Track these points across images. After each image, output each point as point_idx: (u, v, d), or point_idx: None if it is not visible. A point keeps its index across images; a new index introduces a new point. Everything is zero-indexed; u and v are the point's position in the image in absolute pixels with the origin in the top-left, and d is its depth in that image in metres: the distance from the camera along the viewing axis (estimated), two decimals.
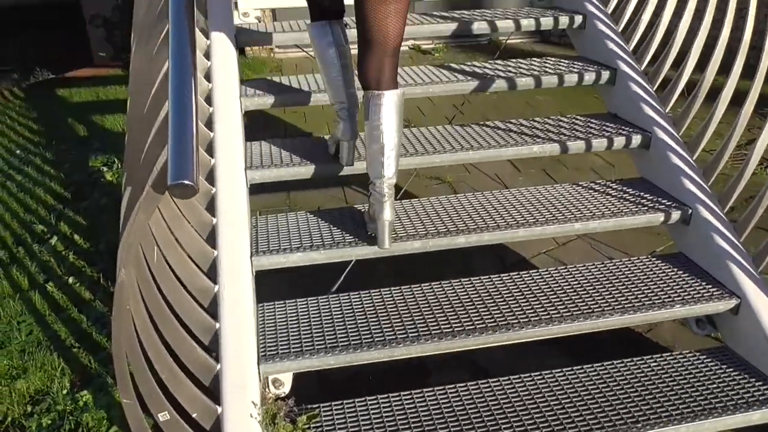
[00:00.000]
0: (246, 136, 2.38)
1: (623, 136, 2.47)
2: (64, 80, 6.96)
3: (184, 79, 1.28)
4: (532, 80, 2.64)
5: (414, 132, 2.60)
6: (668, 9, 2.60)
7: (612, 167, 4.08)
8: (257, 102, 2.51)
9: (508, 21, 2.83)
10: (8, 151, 4.66)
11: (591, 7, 2.82)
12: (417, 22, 2.83)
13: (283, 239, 2.19)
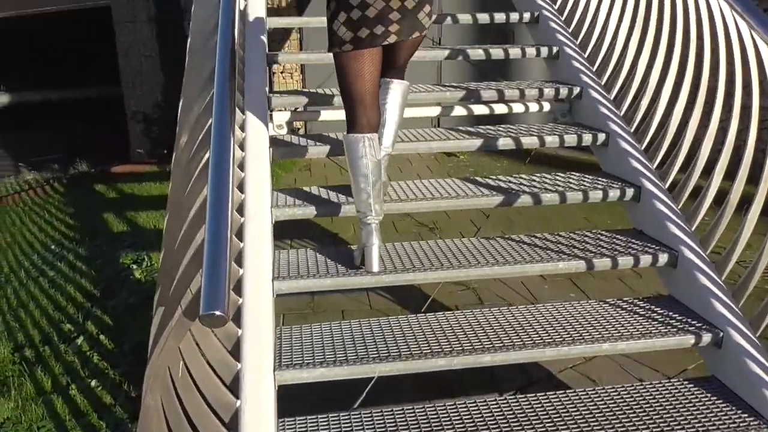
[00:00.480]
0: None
1: (649, 255, 2.47)
2: (102, 175, 7.24)
3: (220, 213, 1.34)
4: (557, 196, 2.68)
5: (440, 244, 2.63)
6: (692, 126, 2.66)
7: (640, 277, 4.04)
8: (288, 213, 2.58)
9: (533, 137, 2.92)
10: (44, 246, 4.80)
11: (614, 126, 2.90)
12: (443, 138, 2.93)
13: (306, 352, 2.19)
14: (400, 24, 2.15)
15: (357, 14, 2.13)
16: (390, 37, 2.16)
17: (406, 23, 2.16)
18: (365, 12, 2.12)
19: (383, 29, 2.14)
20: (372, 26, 2.13)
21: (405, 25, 2.16)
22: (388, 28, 2.14)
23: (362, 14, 2.12)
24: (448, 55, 3.40)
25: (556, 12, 3.57)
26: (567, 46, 3.33)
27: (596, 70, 3.20)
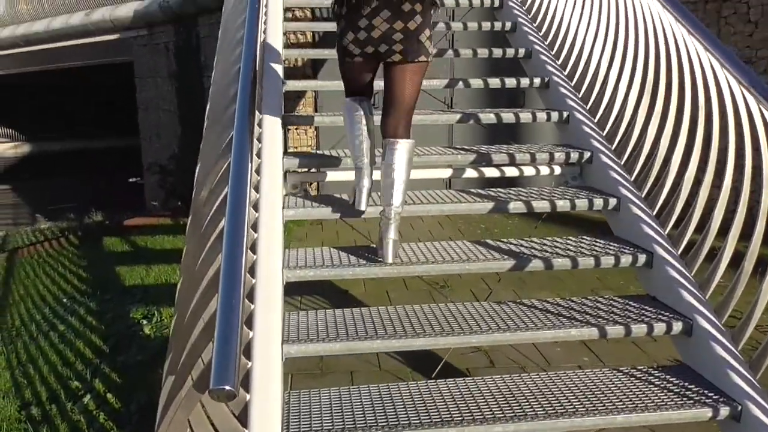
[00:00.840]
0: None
1: (663, 323, 2.44)
2: (117, 227, 7.32)
3: (232, 291, 1.35)
4: (569, 261, 2.67)
5: (451, 308, 2.62)
6: (703, 193, 2.67)
7: (654, 341, 3.96)
8: (299, 274, 2.59)
9: (544, 202, 2.93)
10: (56, 299, 4.82)
11: (625, 191, 2.91)
12: (455, 200, 2.95)
13: (315, 419, 2.16)
14: (404, 44, 2.38)
15: (363, 35, 2.39)
16: (395, 56, 2.40)
17: (408, 45, 2.38)
18: (371, 33, 2.37)
19: (387, 48, 2.40)
20: (377, 45, 2.39)
21: (407, 47, 2.39)
22: (392, 48, 2.39)
23: (368, 35, 2.38)
24: (460, 119, 3.46)
25: (566, 78, 3.64)
26: (577, 111, 3.38)
27: (606, 135, 3.24)
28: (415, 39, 2.39)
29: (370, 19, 2.36)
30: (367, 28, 2.36)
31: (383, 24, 2.35)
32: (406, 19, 2.36)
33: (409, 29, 2.36)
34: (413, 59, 2.41)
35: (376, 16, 2.35)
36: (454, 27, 4.35)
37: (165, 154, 14.05)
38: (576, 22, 3.75)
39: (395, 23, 2.35)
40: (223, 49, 2.87)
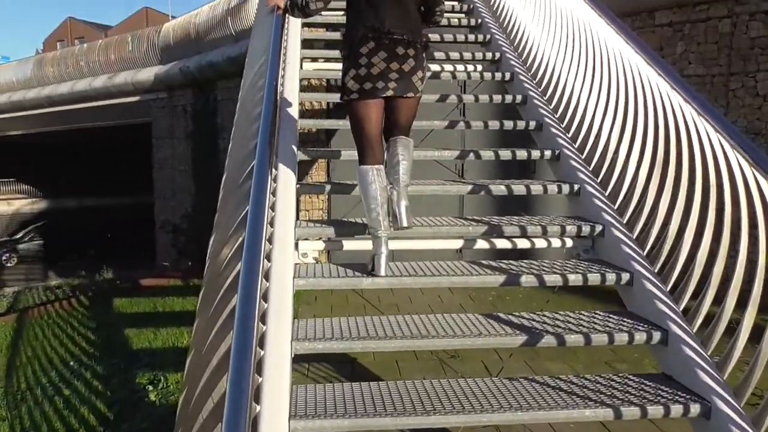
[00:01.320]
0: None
1: (680, 405, 2.37)
2: (127, 287, 7.33)
3: (241, 379, 1.34)
4: (582, 338, 2.63)
5: (462, 384, 2.57)
6: (718, 265, 2.64)
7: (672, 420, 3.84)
8: (307, 347, 2.56)
9: (556, 275, 2.91)
10: (63, 362, 4.78)
11: (638, 266, 2.89)
12: (466, 273, 2.94)
13: None
14: (398, 82, 2.73)
15: (363, 71, 2.71)
16: (388, 91, 2.73)
17: (403, 82, 2.73)
18: (370, 70, 2.70)
19: (383, 84, 2.72)
20: (375, 81, 2.71)
21: (402, 83, 2.73)
22: (387, 84, 2.72)
23: (368, 72, 2.70)
24: (471, 190, 3.49)
25: (577, 150, 3.68)
26: (588, 184, 3.40)
27: (618, 208, 3.24)
28: (408, 78, 2.74)
29: (369, 58, 2.70)
30: (367, 66, 2.70)
31: (381, 63, 2.70)
32: (401, 61, 2.72)
33: (403, 70, 2.73)
34: (404, 95, 2.76)
35: (375, 57, 2.70)
36: (465, 99, 4.44)
37: (178, 212, 14.21)
38: (586, 96, 3.82)
39: (391, 63, 2.70)
40: (239, 124, 2.95)
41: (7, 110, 21.86)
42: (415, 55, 2.74)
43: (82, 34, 45.55)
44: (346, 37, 2.82)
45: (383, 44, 2.70)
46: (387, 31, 2.70)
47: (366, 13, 2.74)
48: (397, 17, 2.73)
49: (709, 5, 6.10)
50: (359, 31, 2.73)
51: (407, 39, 2.73)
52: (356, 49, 2.72)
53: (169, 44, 15.30)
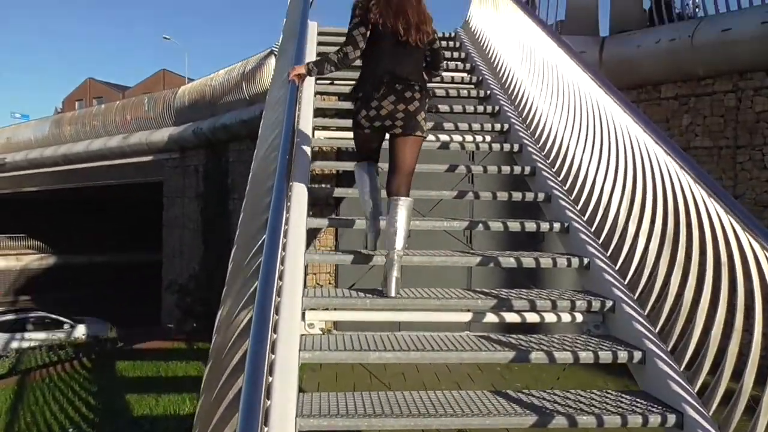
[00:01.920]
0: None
1: None
2: (131, 350, 7.25)
3: None
4: (594, 419, 2.56)
5: None
6: (733, 345, 2.58)
7: None
8: (312, 423, 2.49)
9: (566, 353, 2.86)
10: (61, 427, 4.68)
11: (650, 344, 2.84)
12: (475, 348, 2.89)
13: None
14: (404, 121, 3.06)
15: (374, 113, 3.08)
16: (396, 129, 3.07)
17: (409, 121, 3.06)
18: (379, 112, 3.07)
19: (391, 123, 3.07)
20: (383, 120, 3.08)
21: (408, 122, 3.06)
22: (395, 123, 3.07)
23: (377, 113, 3.07)
24: (479, 262, 3.47)
25: (586, 223, 3.67)
26: (598, 258, 3.38)
27: (628, 283, 3.21)
28: (413, 117, 3.07)
29: (379, 101, 3.06)
30: (377, 108, 3.07)
31: (389, 105, 3.05)
32: (407, 102, 3.06)
33: (409, 110, 3.06)
34: (411, 132, 3.08)
35: (384, 99, 3.06)
36: (474, 170, 4.48)
37: (185, 272, 14.19)
38: (594, 169, 3.85)
39: (398, 105, 3.05)
40: (250, 198, 2.98)
41: (23, 167, 22.29)
42: (420, 98, 3.10)
43: (101, 94, 46.79)
44: (360, 81, 3.19)
45: (393, 89, 3.06)
46: (398, 76, 3.07)
47: (383, 62, 3.09)
48: (407, 65, 3.11)
49: (713, 80, 6.22)
50: (374, 77, 3.09)
51: (413, 84, 3.10)
52: (369, 92, 3.09)
53: (183, 106, 15.69)
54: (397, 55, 3.08)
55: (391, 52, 3.08)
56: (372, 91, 3.06)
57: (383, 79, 3.05)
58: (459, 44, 6.75)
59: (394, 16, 3.06)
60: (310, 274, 7.53)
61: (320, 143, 4.76)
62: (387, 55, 3.08)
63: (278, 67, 4.79)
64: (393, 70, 3.06)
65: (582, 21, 7.76)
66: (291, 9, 5.87)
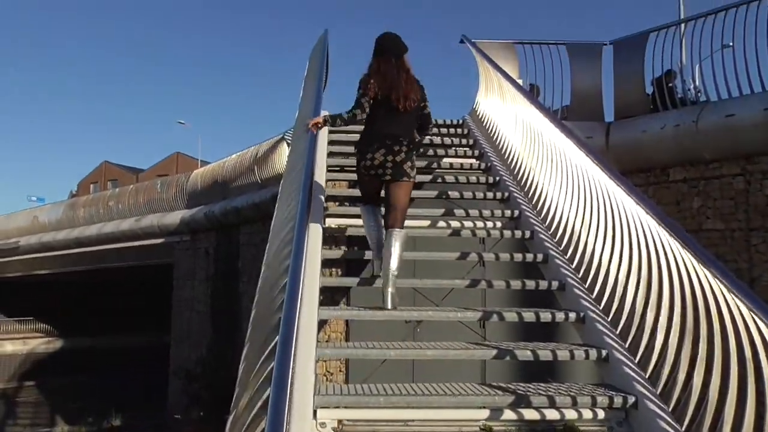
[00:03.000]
0: None
1: None
2: None
3: None
4: None
5: None
6: None
7: None
8: None
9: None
10: None
11: None
12: None
13: None
14: (392, 170, 3.81)
15: (368, 163, 3.84)
16: (386, 176, 3.83)
17: (396, 170, 3.81)
18: (373, 163, 3.83)
19: (382, 171, 3.84)
20: (377, 170, 3.84)
21: (396, 171, 3.81)
22: (386, 171, 3.83)
23: (371, 163, 3.83)
24: (495, 355, 3.39)
25: (602, 312, 3.60)
26: (616, 350, 3.29)
27: (649, 377, 3.10)
28: (400, 167, 3.81)
29: (373, 154, 3.82)
30: (371, 159, 3.82)
31: (381, 157, 3.80)
32: (395, 154, 3.80)
33: (396, 161, 3.81)
34: (399, 179, 3.83)
35: (377, 153, 3.81)
36: (486, 257, 4.46)
37: (193, 356, 13.96)
38: (607, 256, 3.81)
39: (387, 156, 3.80)
40: (261, 299, 2.95)
41: (36, 250, 22.48)
42: (407, 151, 3.85)
43: (116, 177, 47.69)
44: (361, 138, 3.97)
45: (384, 144, 3.81)
46: (389, 135, 3.82)
47: (378, 124, 3.86)
48: (397, 126, 3.85)
49: (721, 163, 6.26)
50: (371, 135, 3.88)
51: (401, 140, 3.84)
52: (366, 147, 3.87)
53: (196, 190, 15.93)
54: (390, 119, 3.84)
55: (385, 116, 3.84)
56: (368, 146, 3.85)
57: (377, 137, 3.83)
58: (467, 131, 6.89)
59: (388, 90, 3.83)
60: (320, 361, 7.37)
61: (331, 231, 4.78)
62: (382, 118, 3.85)
63: (291, 158, 4.89)
64: (385, 130, 3.83)
65: (586, 106, 7.92)
66: (305, 94, 6.05)
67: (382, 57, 3.95)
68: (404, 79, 3.87)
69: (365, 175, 3.90)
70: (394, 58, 3.94)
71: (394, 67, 3.89)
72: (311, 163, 3.66)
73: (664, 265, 3.26)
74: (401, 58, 3.97)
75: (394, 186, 3.82)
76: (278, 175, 11.75)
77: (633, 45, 7.53)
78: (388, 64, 3.90)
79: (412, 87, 3.88)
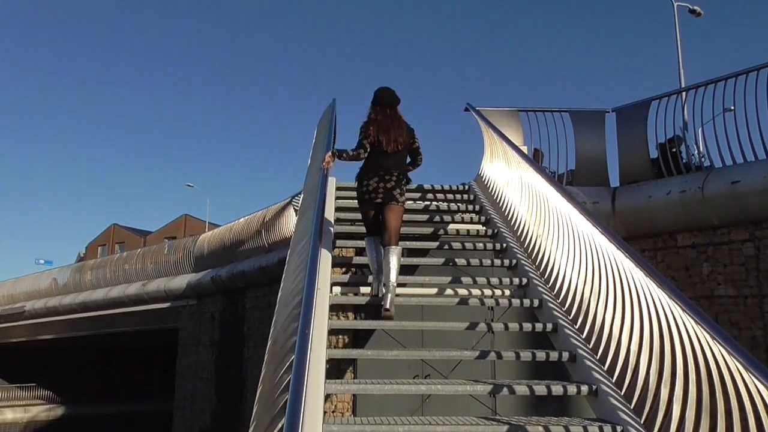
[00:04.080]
0: None
1: None
2: None
3: None
4: None
5: None
6: None
7: None
8: None
9: None
10: None
11: None
12: None
13: None
14: (384, 194, 4.66)
15: (364, 189, 4.70)
16: (378, 199, 4.67)
17: (387, 195, 4.66)
18: (368, 188, 4.68)
19: (375, 195, 4.68)
20: (371, 194, 4.69)
21: (387, 195, 4.66)
22: (378, 195, 4.67)
23: (367, 189, 4.69)
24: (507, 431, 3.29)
25: (615, 386, 3.51)
26: (632, 427, 3.19)
27: None
28: (390, 192, 4.67)
29: (368, 179, 4.70)
30: (367, 185, 4.70)
31: (374, 183, 4.68)
32: (386, 182, 4.67)
33: (387, 187, 4.67)
34: (389, 201, 4.67)
35: (371, 180, 4.69)
36: (495, 327, 4.39)
37: (196, 425, 13.64)
38: (618, 326, 3.75)
39: (379, 183, 4.68)
40: (268, 376, 2.91)
41: (41, 315, 22.36)
42: (397, 180, 4.71)
43: (124, 239, 47.93)
44: (362, 171, 4.81)
45: (378, 174, 4.69)
46: (382, 168, 4.70)
47: (374, 160, 4.73)
48: (388, 162, 4.73)
49: (729, 229, 6.25)
50: (368, 169, 4.74)
51: (392, 171, 4.71)
52: (364, 177, 4.75)
53: (203, 254, 15.95)
54: (383, 156, 4.73)
55: (380, 154, 4.72)
56: (365, 176, 4.74)
57: (373, 170, 4.72)
58: (473, 197, 6.93)
59: (382, 134, 4.73)
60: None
61: (338, 300, 4.75)
62: (377, 156, 4.72)
63: (299, 228, 4.92)
64: (379, 165, 4.72)
65: (592, 171, 7.99)
66: (312, 163, 6.13)
67: (378, 107, 4.82)
68: (396, 126, 4.77)
69: (362, 200, 4.76)
70: (389, 109, 4.81)
71: (388, 117, 4.78)
72: (318, 234, 3.67)
73: (677, 338, 3.20)
74: (394, 108, 4.85)
75: (386, 209, 4.66)
76: (285, 239, 11.78)
77: (635, 112, 7.66)
78: (383, 114, 4.78)
79: (401, 132, 4.77)
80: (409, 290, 5.08)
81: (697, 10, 15.98)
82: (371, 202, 4.68)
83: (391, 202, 4.62)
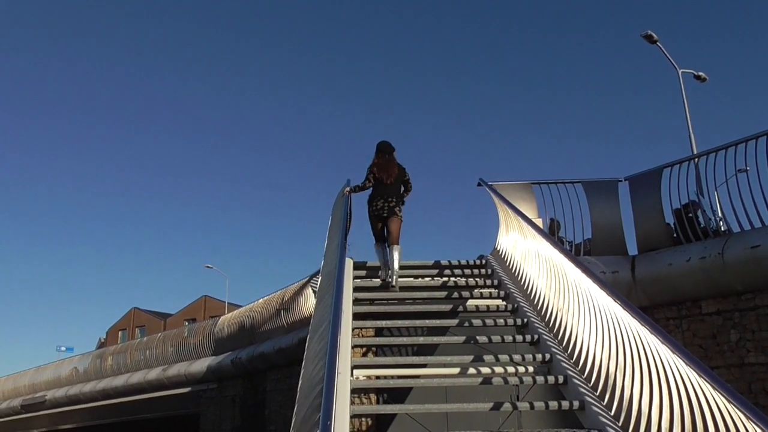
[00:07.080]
0: None
1: None
2: None
3: None
4: None
5: None
6: None
7: None
8: None
9: None
10: None
11: None
12: None
13: None
14: (387, 210, 6.75)
15: (373, 208, 6.82)
16: (384, 214, 6.75)
17: (390, 211, 6.75)
18: (376, 207, 6.80)
19: (381, 212, 6.78)
20: (377, 211, 6.79)
21: (389, 211, 6.74)
22: (382, 212, 6.77)
23: (375, 208, 6.81)
24: None
25: None
26: None
27: None
28: (392, 209, 6.71)
29: (376, 201, 6.75)
30: (374, 206, 6.74)
31: (380, 203, 6.73)
32: (388, 203, 6.71)
33: (389, 206, 6.71)
34: (390, 216, 6.69)
35: (377, 200, 6.74)
36: (520, 407, 4.30)
37: None
38: (647, 402, 3.66)
39: (383, 204, 6.70)
40: None
41: (62, 404, 22.15)
42: (395, 201, 6.74)
43: (144, 323, 47.84)
44: (370, 197, 6.80)
45: (383, 197, 6.70)
46: (385, 194, 6.70)
47: (378, 189, 6.74)
48: (387, 190, 6.73)
49: (754, 294, 6.14)
50: (375, 195, 6.75)
51: (392, 196, 6.73)
52: (373, 201, 6.76)
53: (222, 336, 15.88)
54: (384, 186, 6.75)
55: (381, 185, 6.74)
56: (374, 200, 6.75)
57: (378, 195, 6.72)
58: (491, 271, 6.92)
59: (381, 172, 6.77)
60: None
61: (360, 384, 4.69)
62: (380, 186, 6.74)
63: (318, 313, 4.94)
64: (382, 192, 6.72)
65: (609, 240, 7.96)
66: (329, 244, 6.21)
67: (379, 153, 6.92)
68: (391, 165, 6.86)
69: (372, 216, 6.79)
70: (387, 155, 6.91)
71: (387, 161, 6.87)
72: (337, 322, 3.66)
73: (709, 416, 3.11)
74: (390, 153, 6.94)
75: (389, 221, 6.70)
76: (304, 318, 11.75)
77: (648, 180, 7.70)
78: (383, 158, 6.89)
79: (394, 170, 6.86)
80: (431, 370, 5.01)
81: (702, 75, 16.31)
82: (379, 217, 6.74)
83: (393, 216, 6.71)
